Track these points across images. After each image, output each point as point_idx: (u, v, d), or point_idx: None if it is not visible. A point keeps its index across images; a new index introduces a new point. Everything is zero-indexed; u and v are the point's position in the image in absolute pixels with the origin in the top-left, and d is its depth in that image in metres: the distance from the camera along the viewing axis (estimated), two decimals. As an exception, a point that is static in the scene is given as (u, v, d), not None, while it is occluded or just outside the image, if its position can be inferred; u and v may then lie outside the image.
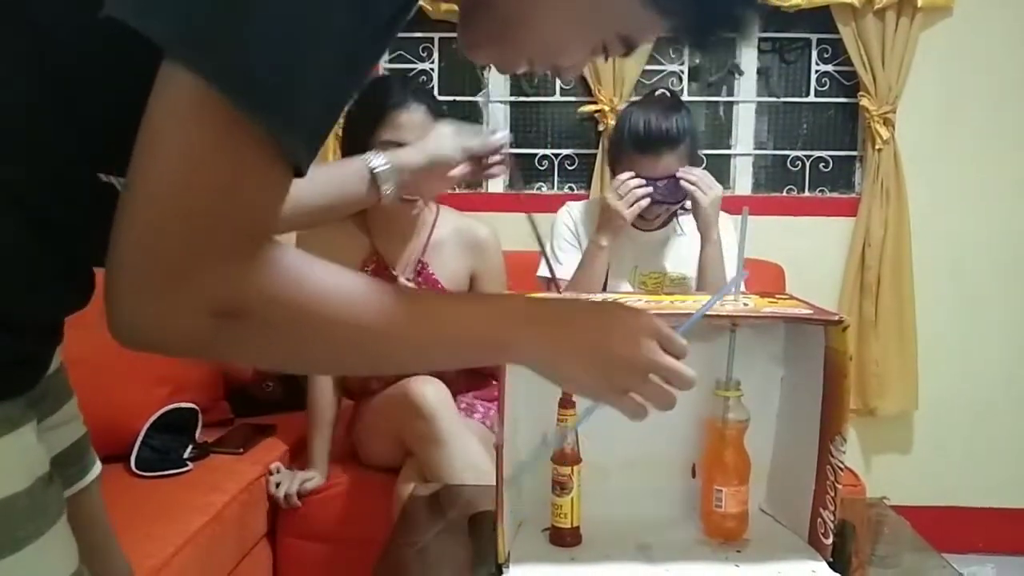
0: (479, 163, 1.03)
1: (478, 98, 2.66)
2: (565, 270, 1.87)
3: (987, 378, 2.60)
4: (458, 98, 2.72)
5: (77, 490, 0.78)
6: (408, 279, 1.87)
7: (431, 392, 1.70)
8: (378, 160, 0.95)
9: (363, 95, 1.73)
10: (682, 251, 1.92)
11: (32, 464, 0.58)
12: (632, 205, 1.76)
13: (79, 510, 0.69)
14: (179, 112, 0.48)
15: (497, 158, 1.03)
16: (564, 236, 1.96)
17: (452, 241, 1.93)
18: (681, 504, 1.12)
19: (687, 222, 1.92)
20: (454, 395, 1.83)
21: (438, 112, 1.81)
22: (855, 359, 2.48)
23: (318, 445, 1.92)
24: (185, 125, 0.48)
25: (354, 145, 1.68)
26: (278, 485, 1.86)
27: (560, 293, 1.58)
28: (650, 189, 1.75)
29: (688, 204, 1.83)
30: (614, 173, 1.86)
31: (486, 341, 0.64)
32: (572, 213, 1.97)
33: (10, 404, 0.56)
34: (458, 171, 1.01)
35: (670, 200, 1.80)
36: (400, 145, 1.42)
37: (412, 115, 1.71)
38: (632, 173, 1.77)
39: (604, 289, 1.84)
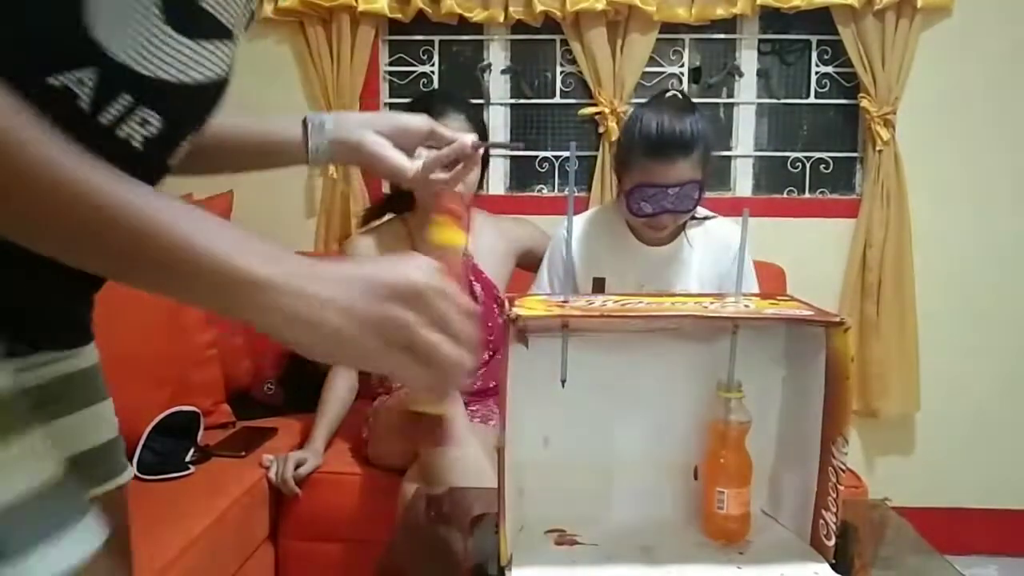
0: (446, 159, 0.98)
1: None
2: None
3: (989, 379, 2.60)
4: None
5: (101, 492, 0.79)
6: None
7: None
8: (320, 116, 0.87)
9: (408, 108, 1.85)
10: (690, 267, 1.84)
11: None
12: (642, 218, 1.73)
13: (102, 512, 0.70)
14: None
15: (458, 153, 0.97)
16: (557, 270, 1.87)
17: (492, 234, 2.09)
18: (682, 506, 1.12)
19: (696, 236, 1.84)
20: (471, 402, 1.86)
21: (477, 121, 1.98)
22: (856, 360, 2.48)
23: (317, 430, 1.97)
24: None
25: None
26: (276, 473, 1.88)
27: None
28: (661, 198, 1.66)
29: (699, 213, 1.80)
30: (620, 179, 1.77)
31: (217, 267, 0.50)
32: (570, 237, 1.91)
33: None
34: (424, 152, 0.94)
35: (682, 209, 1.70)
36: None
37: (450, 124, 1.75)
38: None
39: None
